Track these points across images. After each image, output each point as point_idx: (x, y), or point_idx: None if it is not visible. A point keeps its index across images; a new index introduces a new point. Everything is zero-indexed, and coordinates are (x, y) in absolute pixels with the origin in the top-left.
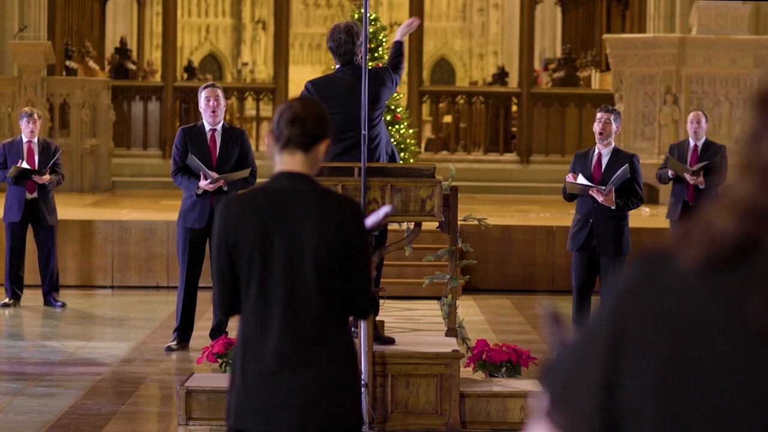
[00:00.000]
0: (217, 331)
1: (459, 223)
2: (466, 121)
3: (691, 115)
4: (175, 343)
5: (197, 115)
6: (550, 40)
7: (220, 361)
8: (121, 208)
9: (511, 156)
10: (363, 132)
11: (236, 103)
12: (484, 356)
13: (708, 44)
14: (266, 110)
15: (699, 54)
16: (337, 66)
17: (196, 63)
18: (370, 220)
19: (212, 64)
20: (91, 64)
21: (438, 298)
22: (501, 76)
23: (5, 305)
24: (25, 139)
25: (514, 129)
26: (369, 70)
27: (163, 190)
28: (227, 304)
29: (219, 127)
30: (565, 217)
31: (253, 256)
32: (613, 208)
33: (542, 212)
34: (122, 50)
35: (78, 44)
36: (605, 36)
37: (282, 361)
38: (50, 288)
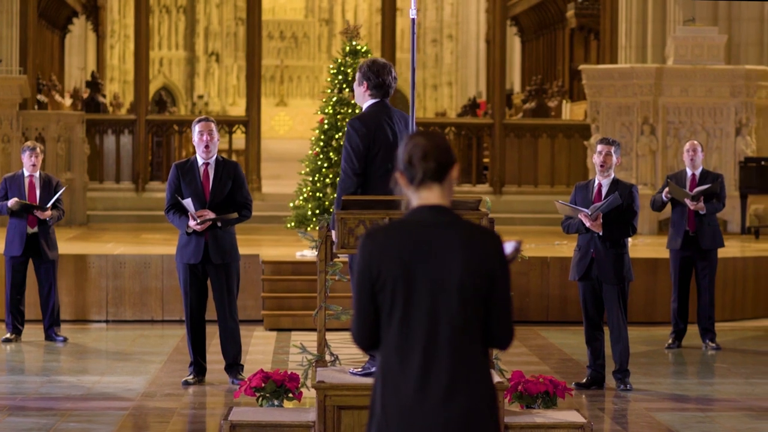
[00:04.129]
0: (234, 365)
1: None
2: None
3: (687, 145)
4: (192, 377)
5: (169, 149)
6: (508, 72)
7: (258, 395)
8: (105, 242)
9: (483, 187)
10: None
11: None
12: (520, 387)
13: (685, 74)
14: (238, 143)
15: (676, 84)
16: (373, 101)
17: (149, 96)
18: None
19: (166, 96)
20: (57, 97)
21: None
22: (472, 107)
23: (7, 340)
24: (26, 173)
25: (486, 160)
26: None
27: (138, 224)
28: (367, 337)
29: (212, 161)
30: (551, 247)
31: (396, 287)
32: (600, 233)
33: (530, 243)
34: (93, 84)
35: (45, 78)
36: (582, 66)
37: (424, 393)
38: (51, 323)
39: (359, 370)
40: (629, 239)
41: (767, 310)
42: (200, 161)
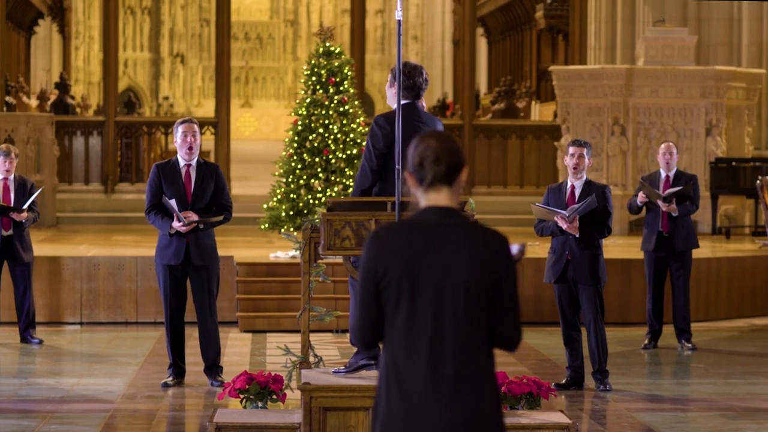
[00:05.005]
0: (213, 366)
1: None
2: None
3: (663, 147)
4: (171, 379)
5: (138, 150)
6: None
7: (242, 396)
8: (77, 244)
9: None
10: (397, 166)
11: (163, 137)
12: (504, 388)
13: (655, 75)
14: (206, 144)
15: (646, 85)
16: (404, 102)
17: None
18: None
19: (134, 98)
20: (25, 99)
21: None
22: (441, 108)
23: None
24: (0, 177)
25: None
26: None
27: (107, 225)
28: (368, 335)
29: (194, 162)
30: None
31: (402, 287)
32: (577, 235)
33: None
34: (62, 85)
35: (13, 79)
36: (552, 67)
37: (430, 393)
38: (27, 325)
39: (342, 368)
40: (603, 240)
41: (741, 311)
42: (182, 162)
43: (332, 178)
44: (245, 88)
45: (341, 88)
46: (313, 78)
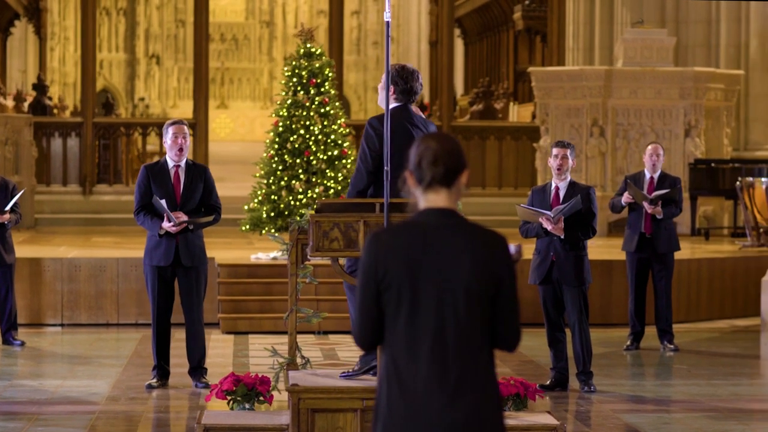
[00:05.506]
0: (197, 368)
1: None
2: None
3: (649, 148)
4: (155, 380)
5: (116, 151)
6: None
7: (229, 398)
8: (57, 245)
9: None
10: (386, 168)
11: (140, 138)
12: None
13: (634, 76)
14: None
15: (625, 86)
16: (397, 105)
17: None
18: None
19: (111, 99)
20: (1, 99)
21: None
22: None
23: None
24: None
25: None
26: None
27: (85, 227)
28: (369, 337)
29: (183, 164)
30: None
31: (402, 289)
32: (562, 237)
33: None
34: (40, 86)
35: None
36: (531, 69)
37: (432, 394)
38: (9, 327)
39: (350, 371)
40: (588, 241)
41: (721, 312)
42: (171, 164)
43: (313, 180)
44: (221, 89)
45: (322, 90)
46: (294, 79)
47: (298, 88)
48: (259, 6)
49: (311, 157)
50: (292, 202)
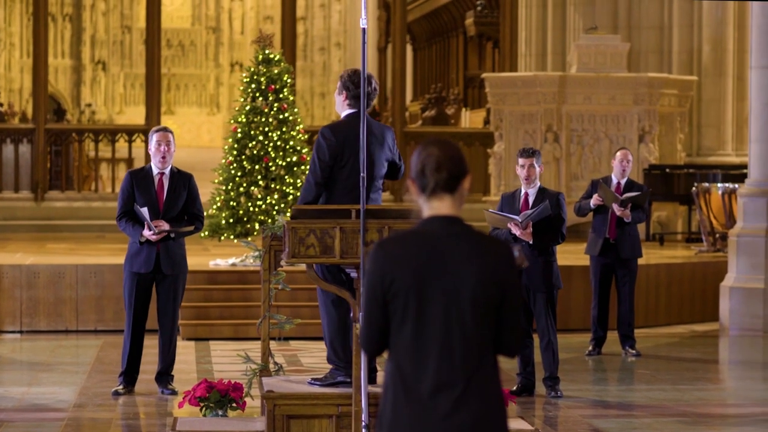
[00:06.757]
0: (164, 374)
1: None
2: None
3: (619, 154)
4: (122, 387)
5: (68, 158)
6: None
7: (201, 405)
8: (12, 252)
9: (385, 195)
10: (362, 174)
11: (92, 144)
12: None
13: (588, 82)
14: (138, 151)
15: (579, 92)
16: (351, 111)
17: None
18: None
19: (52, 105)
20: None
21: None
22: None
23: None
24: None
25: None
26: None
27: (38, 234)
28: (375, 345)
29: (167, 171)
30: None
31: (409, 297)
32: (531, 242)
33: None
34: None
35: None
36: (485, 75)
37: (437, 401)
38: None
39: (318, 381)
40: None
41: (680, 317)
42: (155, 171)
43: (272, 186)
44: (167, 95)
45: (281, 96)
46: (253, 85)
47: (257, 95)
48: (206, 12)
49: (270, 164)
50: (251, 209)
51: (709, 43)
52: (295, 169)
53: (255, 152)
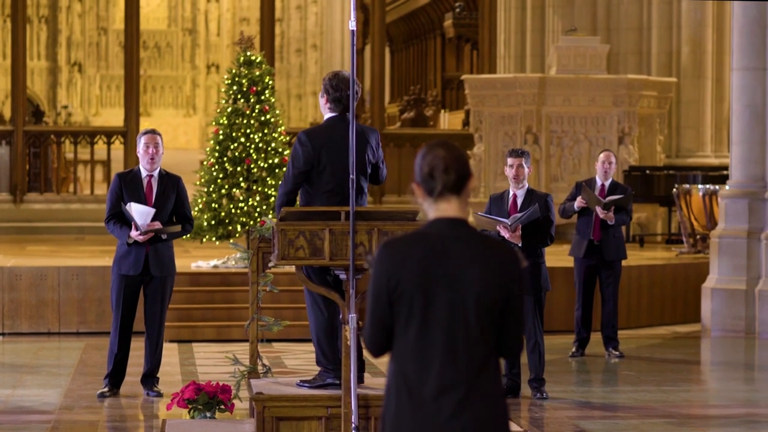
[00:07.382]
0: (150, 376)
1: None
2: None
3: (602, 156)
4: (107, 389)
5: (47, 160)
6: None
7: (190, 407)
8: None
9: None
10: (351, 176)
11: (71, 146)
12: None
13: (567, 84)
14: (117, 153)
15: (558, 93)
16: (332, 115)
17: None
18: None
19: (29, 107)
20: None
21: None
22: None
23: None
24: None
25: None
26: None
27: (17, 236)
28: (380, 346)
29: (156, 173)
30: None
31: (414, 299)
32: (520, 245)
33: None
34: None
35: None
36: (464, 76)
37: (441, 402)
38: None
39: (306, 384)
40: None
41: (661, 318)
42: (144, 173)
43: (254, 188)
44: (143, 97)
45: (262, 98)
46: (234, 87)
47: (238, 96)
48: (182, 14)
49: (252, 165)
50: (233, 210)
51: (688, 45)
52: (276, 170)
53: (237, 154)
